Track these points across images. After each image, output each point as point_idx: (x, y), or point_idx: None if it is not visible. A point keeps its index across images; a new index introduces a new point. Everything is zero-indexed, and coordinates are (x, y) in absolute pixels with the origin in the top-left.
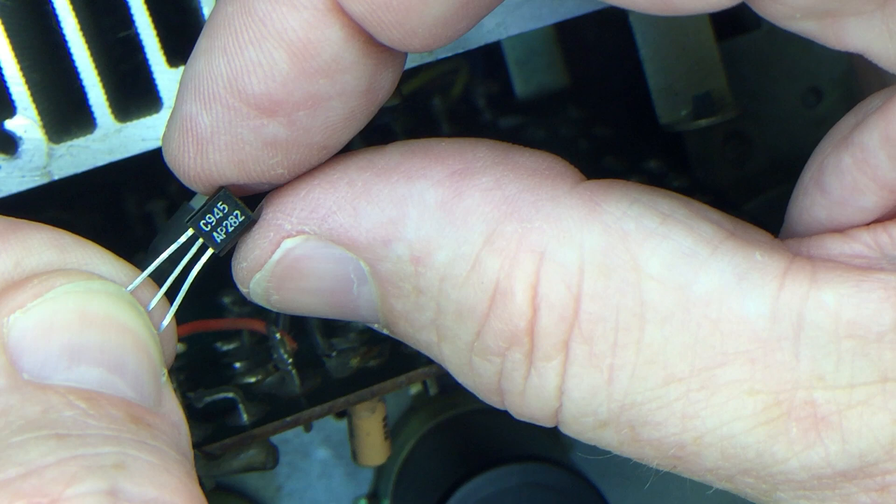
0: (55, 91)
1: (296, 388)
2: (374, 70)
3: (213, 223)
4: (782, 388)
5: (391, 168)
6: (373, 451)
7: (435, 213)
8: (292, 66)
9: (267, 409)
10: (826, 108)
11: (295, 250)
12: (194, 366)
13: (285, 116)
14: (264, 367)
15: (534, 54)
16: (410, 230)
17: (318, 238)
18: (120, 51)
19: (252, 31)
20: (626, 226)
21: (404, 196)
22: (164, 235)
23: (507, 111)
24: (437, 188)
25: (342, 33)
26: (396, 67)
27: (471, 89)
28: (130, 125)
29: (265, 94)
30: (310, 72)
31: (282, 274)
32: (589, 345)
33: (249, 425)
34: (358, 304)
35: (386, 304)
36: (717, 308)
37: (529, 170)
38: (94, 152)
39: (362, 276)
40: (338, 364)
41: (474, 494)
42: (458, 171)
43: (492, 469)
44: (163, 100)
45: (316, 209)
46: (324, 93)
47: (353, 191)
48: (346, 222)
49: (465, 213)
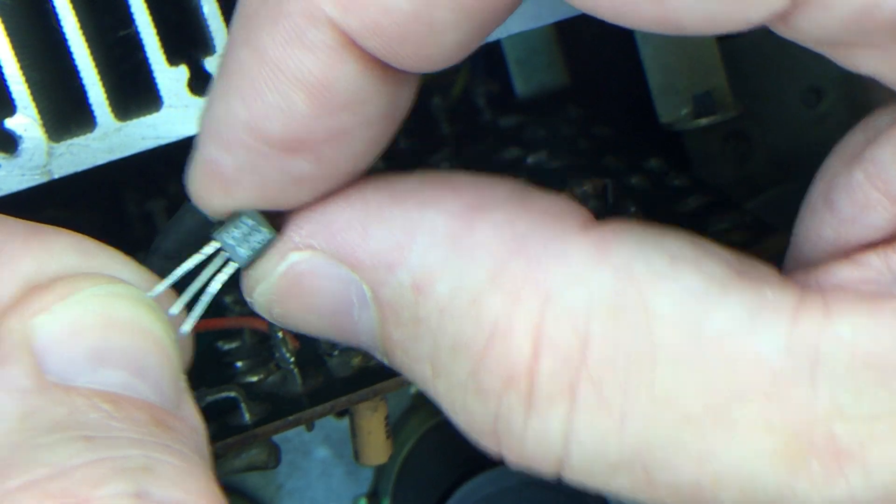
0: (55, 90)
1: (298, 387)
2: (394, 93)
3: (237, 237)
4: (801, 423)
5: (408, 193)
6: (374, 450)
7: (443, 244)
8: (312, 105)
9: (269, 408)
10: (826, 108)
11: (300, 265)
12: (196, 365)
13: (310, 153)
14: (266, 367)
15: (534, 53)
16: (416, 257)
17: (325, 255)
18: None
19: (267, 76)
20: (635, 267)
21: (415, 222)
22: (167, 236)
23: (507, 111)
24: (449, 219)
25: (358, 67)
26: (414, 84)
27: (471, 88)
28: (130, 124)
29: (287, 135)
30: (330, 108)
31: (285, 288)
32: (598, 388)
33: (251, 424)
34: (358, 329)
35: (384, 332)
36: (730, 346)
37: (542, 210)
38: (94, 151)
39: (364, 300)
40: (339, 363)
41: (474, 494)
42: (472, 205)
43: (492, 468)
44: (163, 98)
45: (327, 224)
46: (347, 125)
47: (367, 211)
48: (353, 241)
49: (472, 247)
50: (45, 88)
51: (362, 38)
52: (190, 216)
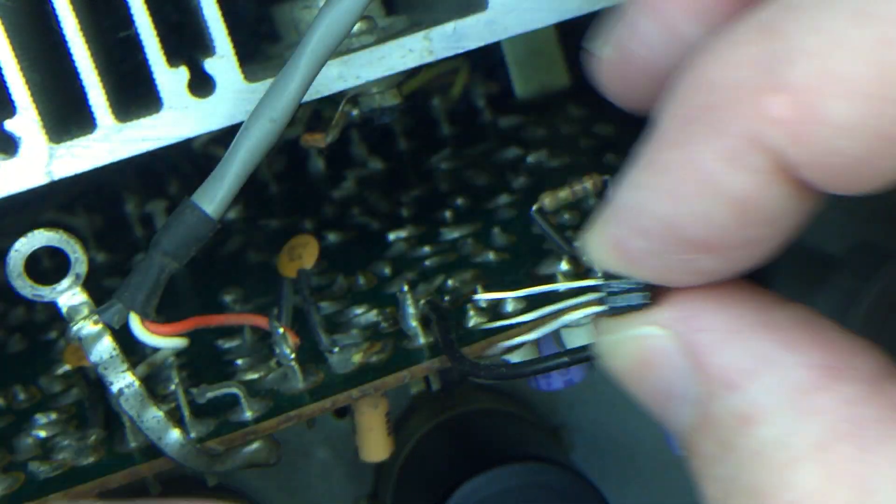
0: (55, 91)
1: (298, 383)
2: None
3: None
4: None
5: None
6: (376, 446)
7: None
8: (735, 220)
9: (269, 404)
10: None
11: (653, 340)
12: (196, 364)
13: (720, 255)
14: (266, 364)
15: (534, 54)
16: (755, 391)
17: (678, 343)
18: (120, 51)
19: (695, 186)
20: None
21: (769, 359)
22: (168, 232)
23: (507, 111)
24: (803, 371)
25: (791, 190)
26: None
27: (470, 89)
28: (131, 125)
29: (705, 240)
30: (754, 224)
31: (630, 351)
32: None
33: (252, 421)
34: (671, 414)
35: (697, 436)
36: None
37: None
38: (95, 152)
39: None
40: (340, 360)
41: (474, 494)
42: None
43: (492, 469)
44: (163, 100)
45: (692, 318)
46: (763, 237)
47: (730, 327)
48: (708, 348)
49: (812, 410)
50: (45, 90)
51: (805, 169)
52: (191, 212)
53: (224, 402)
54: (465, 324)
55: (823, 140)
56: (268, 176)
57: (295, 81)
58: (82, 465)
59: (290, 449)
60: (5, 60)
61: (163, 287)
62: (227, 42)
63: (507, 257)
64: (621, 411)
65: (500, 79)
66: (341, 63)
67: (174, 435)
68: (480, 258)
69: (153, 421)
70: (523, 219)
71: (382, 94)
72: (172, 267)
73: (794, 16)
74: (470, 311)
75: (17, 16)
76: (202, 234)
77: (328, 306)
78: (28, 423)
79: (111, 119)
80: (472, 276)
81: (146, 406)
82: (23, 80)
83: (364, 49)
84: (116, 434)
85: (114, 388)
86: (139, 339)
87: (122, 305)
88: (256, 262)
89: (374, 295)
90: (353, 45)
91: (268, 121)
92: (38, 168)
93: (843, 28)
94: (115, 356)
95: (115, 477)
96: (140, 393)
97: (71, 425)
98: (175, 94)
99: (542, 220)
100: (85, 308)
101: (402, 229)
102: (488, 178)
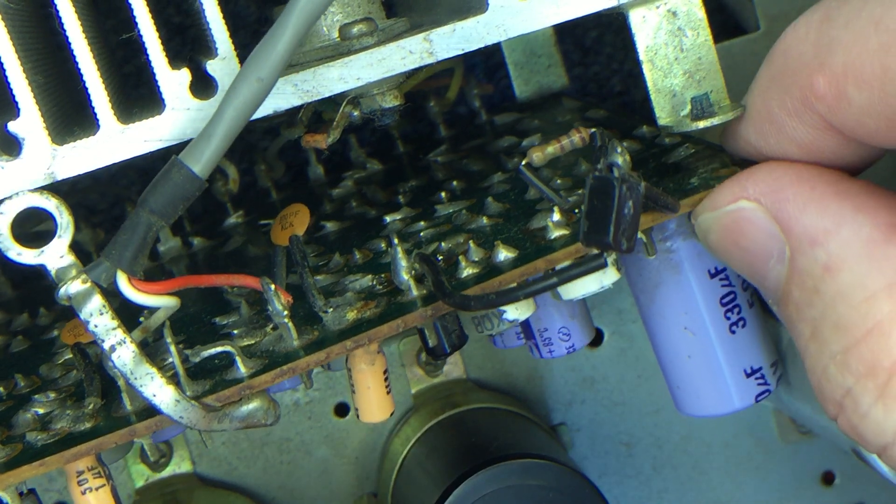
0: (58, 93)
1: (293, 341)
2: (866, 150)
3: None
4: None
5: (847, 195)
6: (375, 405)
7: (860, 244)
8: (804, 158)
9: (265, 362)
10: None
11: (745, 212)
12: (191, 337)
13: None
14: (262, 331)
15: (533, 56)
16: (835, 244)
17: (767, 213)
18: (122, 53)
19: (771, 128)
20: None
21: (845, 218)
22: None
23: (505, 112)
24: (873, 228)
25: (840, 139)
26: None
27: (468, 90)
28: (133, 127)
29: None
30: (819, 161)
31: (726, 223)
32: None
33: (247, 377)
34: (766, 276)
35: (787, 287)
36: None
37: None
38: (97, 153)
39: (782, 257)
40: (334, 317)
41: (474, 493)
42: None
43: (492, 467)
44: (165, 101)
45: (778, 190)
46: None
47: (811, 194)
48: (793, 212)
49: (882, 257)
50: (48, 91)
51: (846, 130)
52: (177, 171)
53: (219, 364)
54: (458, 275)
55: (850, 116)
56: (268, 184)
57: (283, 41)
58: (79, 430)
59: (291, 448)
60: (9, 62)
61: (150, 246)
62: (228, 44)
63: (501, 221)
64: (620, 410)
65: (499, 80)
66: (342, 65)
67: (169, 391)
68: (474, 225)
69: (147, 377)
70: (517, 189)
71: (383, 95)
72: (159, 225)
73: (845, 9)
74: (462, 263)
75: (21, 18)
76: (189, 193)
77: (324, 279)
78: (28, 403)
79: (113, 120)
80: (465, 238)
81: (139, 363)
82: (26, 82)
83: (364, 51)
84: (114, 402)
85: (105, 344)
86: (126, 296)
87: (109, 263)
88: (256, 262)
89: (370, 266)
90: (354, 47)
91: (255, 80)
92: (41, 169)
93: (866, 30)
94: (106, 313)
95: (110, 437)
96: (132, 350)
97: (70, 401)
98: (177, 95)
99: (531, 174)
100: (73, 269)
101: (398, 212)
102: (483, 164)
